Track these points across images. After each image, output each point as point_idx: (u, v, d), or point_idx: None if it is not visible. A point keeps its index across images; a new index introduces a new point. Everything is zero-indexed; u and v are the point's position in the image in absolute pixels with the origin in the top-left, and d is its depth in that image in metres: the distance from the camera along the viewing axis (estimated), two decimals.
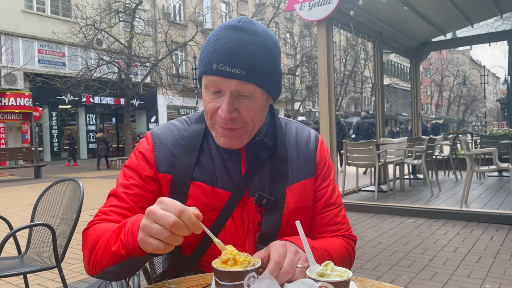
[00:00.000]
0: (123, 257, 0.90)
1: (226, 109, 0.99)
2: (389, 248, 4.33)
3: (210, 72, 0.99)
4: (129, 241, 0.87)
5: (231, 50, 0.97)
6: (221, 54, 0.97)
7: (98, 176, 13.86)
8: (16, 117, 19.56)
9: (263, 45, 1.00)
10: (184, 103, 24.60)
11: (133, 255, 0.88)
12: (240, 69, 0.96)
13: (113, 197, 1.12)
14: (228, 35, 0.99)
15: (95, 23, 17.06)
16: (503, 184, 8.04)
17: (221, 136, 1.04)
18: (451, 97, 57.25)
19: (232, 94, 0.99)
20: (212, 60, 0.98)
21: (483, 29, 9.65)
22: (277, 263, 0.87)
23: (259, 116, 1.06)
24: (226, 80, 0.97)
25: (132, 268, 0.98)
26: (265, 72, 1.00)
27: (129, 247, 0.88)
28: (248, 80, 0.98)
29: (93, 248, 0.99)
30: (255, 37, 1.00)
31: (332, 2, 6.03)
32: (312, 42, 32.04)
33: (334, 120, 6.45)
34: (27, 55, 19.48)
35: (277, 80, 1.06)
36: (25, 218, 6.28)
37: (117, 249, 0.90)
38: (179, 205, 0.80)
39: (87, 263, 1.02)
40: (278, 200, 1.11)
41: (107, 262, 0.95)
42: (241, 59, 0.97)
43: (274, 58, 1.03)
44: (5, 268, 2.39)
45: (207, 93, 1.04)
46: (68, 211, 2.57)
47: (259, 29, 1.02)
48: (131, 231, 0.88)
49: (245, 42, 0.98)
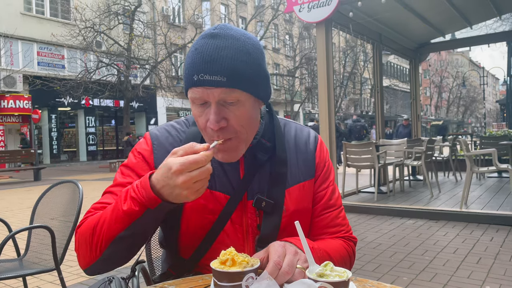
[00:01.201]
0: (137, 213, 0.91)
1: (214, 119, 0.97)
2: (389, 249, 4.33)
3: (192, 84, 0.97)
4: (142, 193, 0.89)
5: (208, 57, 0.95)
6: (200, 64, 0.95)
7: (97, 178, 13.85)
8: (15, 119, 19.55)
9: (241, 49, 0.97)
10: (184, 105, 24.56)
11: (148, 207, 0.90)
12: (221, 76, 0.94)
13: (108, 194, 1.11)
14: (204, 44, 0.97)
15: (94, 26, 17.07)
16: (503, 185, 8.04)
17: (218, 152, 1.02)
18: (451, 98, 57.32)
19: (218, 103, 0.97)
20: (192, 72, 0.96)
21: (482, 30, 9.67)
22: (276, 263, 0.87)
23: (249, 121, 1.03)
24: (209, 89, 0.95)
25: (144, 230, 0.97)
26: (248, 75, 0.97)
27: (143, 200, 0.89)
28: (232, 86, 0.95)
29: (93, 230, 0.97)
30: (232, 41, 0.97)
31: (331, 4, 6.04)
32: (311, 43, 32.05)
33: (334, 121, 6.46)
34: (26, 57, 19.49)
35: (263, 82, 1.03)
36: (24, 221, 6.27)
37: (130, 206, 0.91)
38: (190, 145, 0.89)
39: (88, 251, 0.98)
40: (277, 203, 1.10)
41: (116, 227, 0.93)
42: (219, 65, 0.94)
43: (255, 60, 1.00)
44: (4, 270, 2.38)
45: (194, 107, 1.02)
46: (67, 214, 2.56)
47: (236, 33, 1.00)
48: (142, 185, 0.90)
49: (221, 48, 0.96)
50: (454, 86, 54.32)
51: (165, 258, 1.25)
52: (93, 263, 0.99)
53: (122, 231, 0.93)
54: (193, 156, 0.85)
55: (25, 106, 19.21)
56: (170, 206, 0.91)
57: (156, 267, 1.48)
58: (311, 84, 31.43)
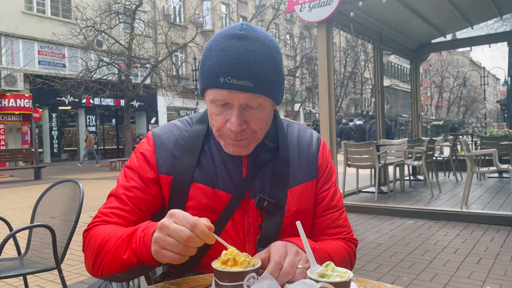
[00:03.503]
0: (135, 265, 0.93)
1: (236, 122, 0.98)
2: (389, 249, 4.33)
3: (217, 85, 0.96)
4: (142, 251, 0.90)
5: (237, 61, 0.94)
6: (227, 67, 0.94)
7: (98, 177, 13.86)
8: (16, 118, 19.56)
9: (267, 54, 0.98)
10: (184, 105, 24.60)
11: (144, 263, 0.91)
12: (248, 81, 0.94)
13: (114, 198, 1.11)
14: (231, 45, 0.96)
15: (95, 25, 17.07)
16: (503, 185, 8.04)
17: (230, 145, 1.04)
18: (451, 98, 57.29)
19: (240, 107, 0.98)
20: (218, 73, 0.95)
21: (483, 30, 9.64)
22: (277, 263, 0.87)
23: (266, 123, 1.06)
24: (235, 93, 0.96)
25: (141, 274, 1.01)
26: (272, 81, 0.99)
27: (141, 256, 0.90)
28: (257, 92, 0.96)
29: (98, 252, 1.00)
30: (259, 45, 0.98)
31: (332, 4, 6.04)
32: (312, 43, 32.06)
33: (334, 121, 6.45)
34: (27, 56, 19.49)
35: (281, 86, 1.06)
36: (25, 220, 6.27)
37: (129, 257, 0.92)
38: (191, 218, 0.83)
39: (91, 265, 1.03)
40: (279, 203, 1.10)
41: (116, 268, 0.96)
42: (248, 71, 0.94)
43: (278, 65, 1.02)
44: (5, 269, 2.38)
45: (213, 106, 1.02)
46: (68, 212, 2.56)
47: (261, 35, 1.00)
48: (143, 241, 0.90)
49: (250, 52, 0.95)
50: (455, 86, 54.29)
51: None
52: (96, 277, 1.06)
53: (120, 272, 0.97)
54: (178, 226, 0.83)
55: (26, 105, 19.22)
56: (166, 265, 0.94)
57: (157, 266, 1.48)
58: (312, 83, 31.45)
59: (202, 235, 0.82)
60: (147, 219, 1.10)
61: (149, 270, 0.98)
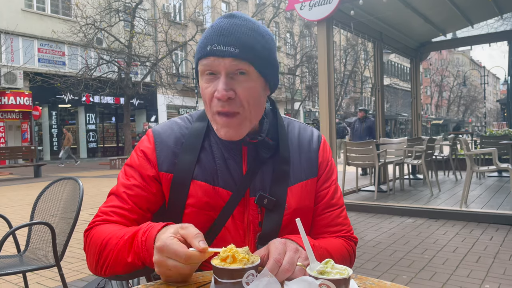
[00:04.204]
0: (139, 267, 0.95)
1: (222, 87, 0.99)
2: (388, 248, 4.33)
3: (204, 54, 1.00)
4: (145, 255, 0.91)
5: (224, 31, 0.99)
6: (214, 36, 1.00)
7: (97, 175, 13.86)
8: (15, 116, 19.55)
9: (256, 30, 1.03)
10: (184, 103, 24.59)
11: (148, 266, 0.93)
12: (234, 47, 0.98)
13: (114, 196, 1.11)
14: (220, 22, 1.02)
15: (95, 22, 17.05)
16: (502, 184, 8.05)
17: (222, 127, 1.03)
18: (451, 97, 57.29)
19: (227, 75, 1.00)
20: (206, 44, 1.00)
21: (483, 29, 9.64)
22: (276, 261, 0.87)
23: (255, 100, 1.04)
24: (221, 59, 0.98)
25: (144, 274, 1.03)
26: (259, 53, 1.01)
27: (145, 260, 0.92)
28: (243, 58, 0.99)
29: (100, 252, 1.00)
30: (247, 22, 1.03)
31: (332, 2, 6.03)
32: (312, 42, 32.05)
33: (334, 120, 6.45)
34: (27, 54, 19.47)
35: (272, 67, 1.07)
36: (25, 217, 6.27)
37: (133, 261, 0.94)
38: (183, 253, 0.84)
39: (94, 265, 1.03)
40: (279, 201, 1.10)
41: (120, 270, 0.98)
42: (234, 38, 0.99)
43: (268, 44, 1.05)
44: (4, 266, 2.38)
45: (202, 79, 1.04)
46: (68, 210, 2.56)
47: (253, 20, 1.06)
48: (146, 246, 0.91)
49: (237, 25, 1.01)
50: (455, 85, 54.29)
51: None
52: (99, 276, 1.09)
53: (124, 274, 0.99)
54: (176, 247, 0.84)
55: (26, 102, 19.20)
56: None
57: None
58: (312, 82, 31.43)
59: (200, 260, 0.86)
60: (148, 217, 1.10)
61: (152, 271, 0.97)
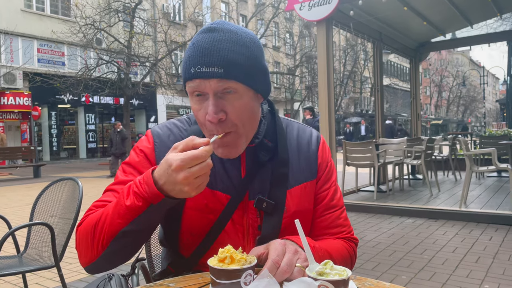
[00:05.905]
0: (140, 208, 0.90)
1: (212, 110, 0.96)
2: (388, 248, 4.33)
3: (190, 76, 0.98)
4: (145, 189, 0.88)
5: (205, 50, 0.96)
6: (196, 57, 0.97)
7: (97, 175, 13.85)
8: (15, 116, 19.53)
9: (238, 41, 0.98)
10: (184, 103, 24.54)
11: (151, 203, 0.89)
12: (218, 67, 0.95)
13: (110, 192, 1.10)
14: (201, 38, 0.98)
15: (94, 23, 17.01)
16: (502, 184, 8.05)
17: (218, 147, 1.02)
18: (451, 97, 57.29)
19: (216, 96, 0.97)
20: (189, 65, 0.98)
21: (482, 29, 9.64)
22: (275, 262, 0.87)
23: (248, 115, 1.02)
24: (206, 81, 0.96)
25: (147, 225, 0.96)
26: (245, 67, 0.98)
27: (145, 195, 0.88)
28: (228, 77, 0.96)
29: (94, 227, 0.96)
30: (229, 34, 0.98)
31: (331, 2, 6.03)
32: (311, 42, 32.01)
33: (334, 120, 6.45)
34: (27, 54, 19.46)
35: (261, 75, 1.03)
36: (24, 218, 6.27)
37: (132, 202, 0.90)
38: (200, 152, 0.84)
39: (90, 247, 0.97)
40: (278, 204, 1.09)
41: (119, 223, 0.92)
42: (216, 57, 0.95)
43: (253, 53, 1.00)
44: (4, 267, 2.38)
45: (193, 101, 1.02)
46: (67, 211, 2.56)
47: (233, 27, 1.01)
48: (144, 181, 0.89)
49: (218, 41, 0.97)
50: (454, 85, 54.30)
51: (165, 255, 1.25)
52: (94, 260, 0.99)
53: (125, 226, 0.92)
54: (192, 152, 0.84)
55: (25, 103, 19.19)
56: (173, 201, 0.90)
57: (156, 265, 1.49)
58: (311, 82, 31.38)
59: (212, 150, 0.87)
60: None
61: (156, 215, 0.92)
